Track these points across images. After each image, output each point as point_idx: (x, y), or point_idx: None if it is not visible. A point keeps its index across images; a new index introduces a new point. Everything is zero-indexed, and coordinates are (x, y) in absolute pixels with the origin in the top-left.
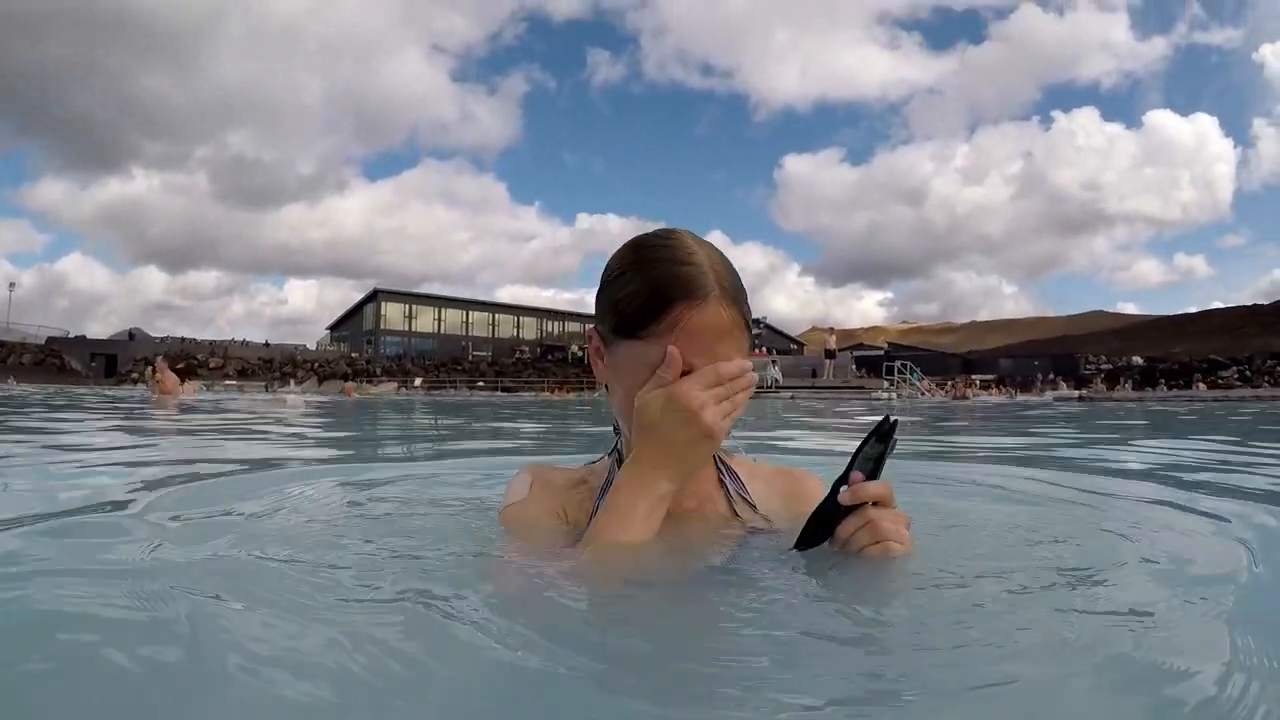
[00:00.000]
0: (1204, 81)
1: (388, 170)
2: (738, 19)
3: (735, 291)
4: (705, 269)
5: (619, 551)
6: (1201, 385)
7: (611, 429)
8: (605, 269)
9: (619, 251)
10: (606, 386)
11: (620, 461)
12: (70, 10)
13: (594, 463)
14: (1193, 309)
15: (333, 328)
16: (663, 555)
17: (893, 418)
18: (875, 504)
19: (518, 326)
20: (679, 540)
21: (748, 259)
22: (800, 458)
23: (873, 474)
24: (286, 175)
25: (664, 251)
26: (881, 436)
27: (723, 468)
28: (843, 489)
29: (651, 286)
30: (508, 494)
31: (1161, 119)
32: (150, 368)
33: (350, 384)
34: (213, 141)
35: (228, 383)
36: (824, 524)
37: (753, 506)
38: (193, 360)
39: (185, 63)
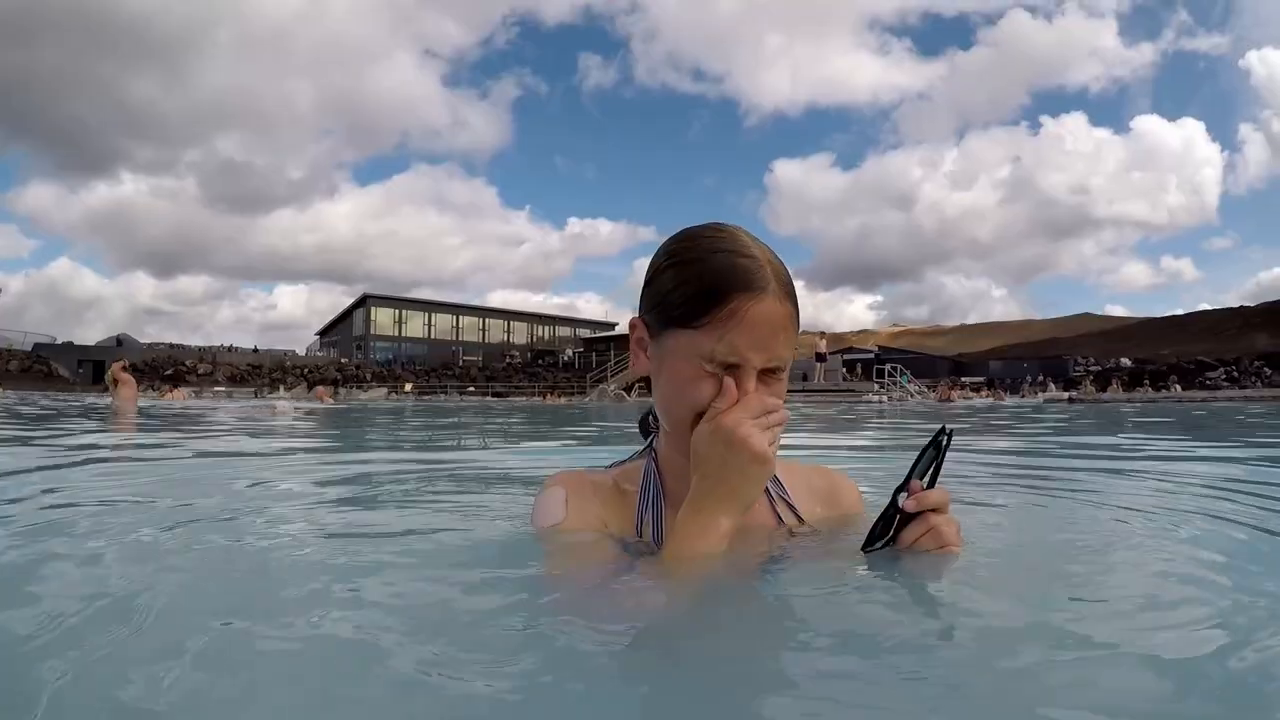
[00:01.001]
0: (1191, 87)
1: (378, 175)
2: (729, 24)
3: (790, 288)
4: (763, 262)
5: (686, 569)
6: (1177, 386)
7: (637, 427)
8: (654, 258)
9: (670, 242)
10: (646, 382)
11: (656, 459)
12: (61, 16)
13: (623, 463)
14: (1180, 311)
15: (322, 333)
16: (733, 575)
17: (948, 427)
18: (934, 510)
19: (508, 331)
20: (741, 557)
21: None
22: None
23: (931, 481)
24: (276, 180)
25: (721, 243)
26: (938, 446)
27: None
28: (903, 496)
29: (711, 275)
30: (539, 513)
31: (1149, 124)
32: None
33: (322, 387)
34: (202, 146)
35: (217, 389)
36: (888, 527)
37: (793, 509)
38: (181, 366)
39: (176, 67)
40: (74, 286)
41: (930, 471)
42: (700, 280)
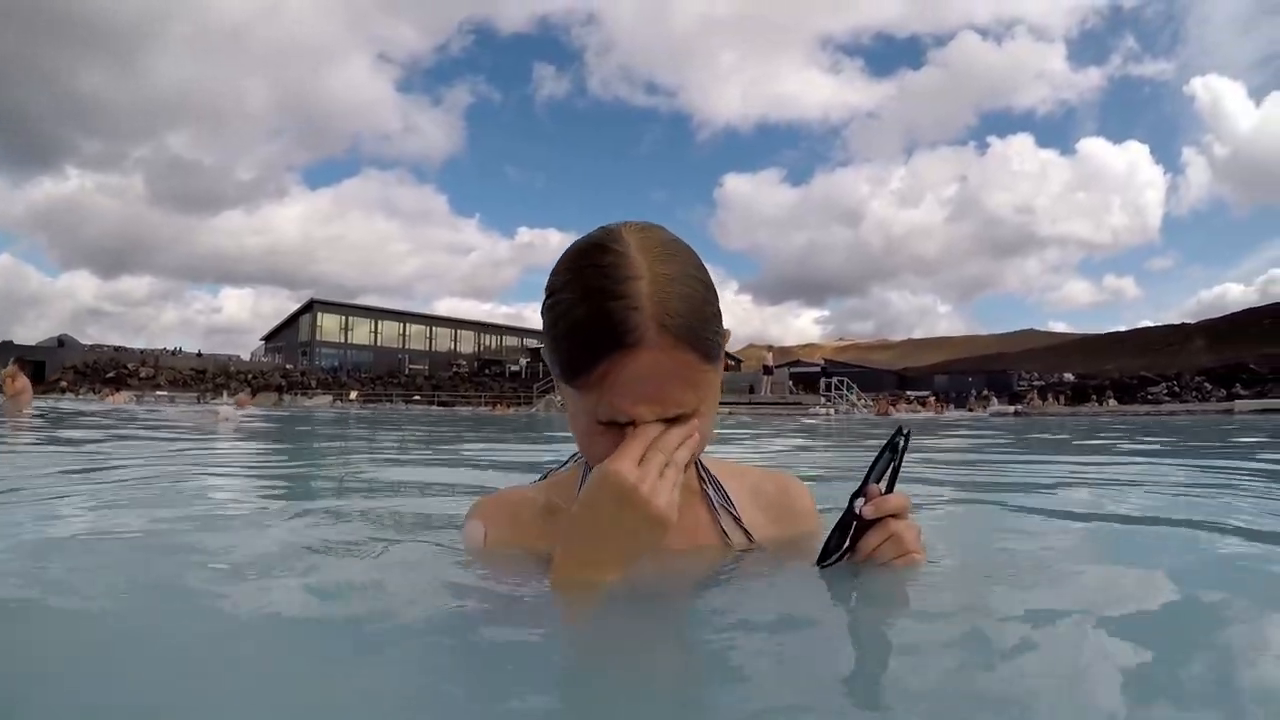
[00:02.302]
0: (1137, 111)
1: (328, 178)
2: (683, 39)
3: (681, 322)
4: (642, 300)
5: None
6: (1112, 400)
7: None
8: (547, 284)
9: (558, 265)
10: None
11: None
12: (10, 3)
13: (556, 471)
14: (1122, 328)
15: (267, 338)
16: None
17: (905, 429)
18: (894, 516)
19: (455, 340)
20: (670, 580)
21: None
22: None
23: (889, 486)
24: (225, 180)
25: (596, 277)
26: (895, 448)
27: (705, 475)
28: (859, 502)
29: (575, 333)
30: (464, 543)
31: (1094, 146)
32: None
33: (243, 395)
34: (151, 142)
35: (159, 394)
36: (844, 538)
37: (738, 522)
38: (123, 369)
39: (128, 61)
40: (15, 284)
41: (888, 475)
42: (568, 340)
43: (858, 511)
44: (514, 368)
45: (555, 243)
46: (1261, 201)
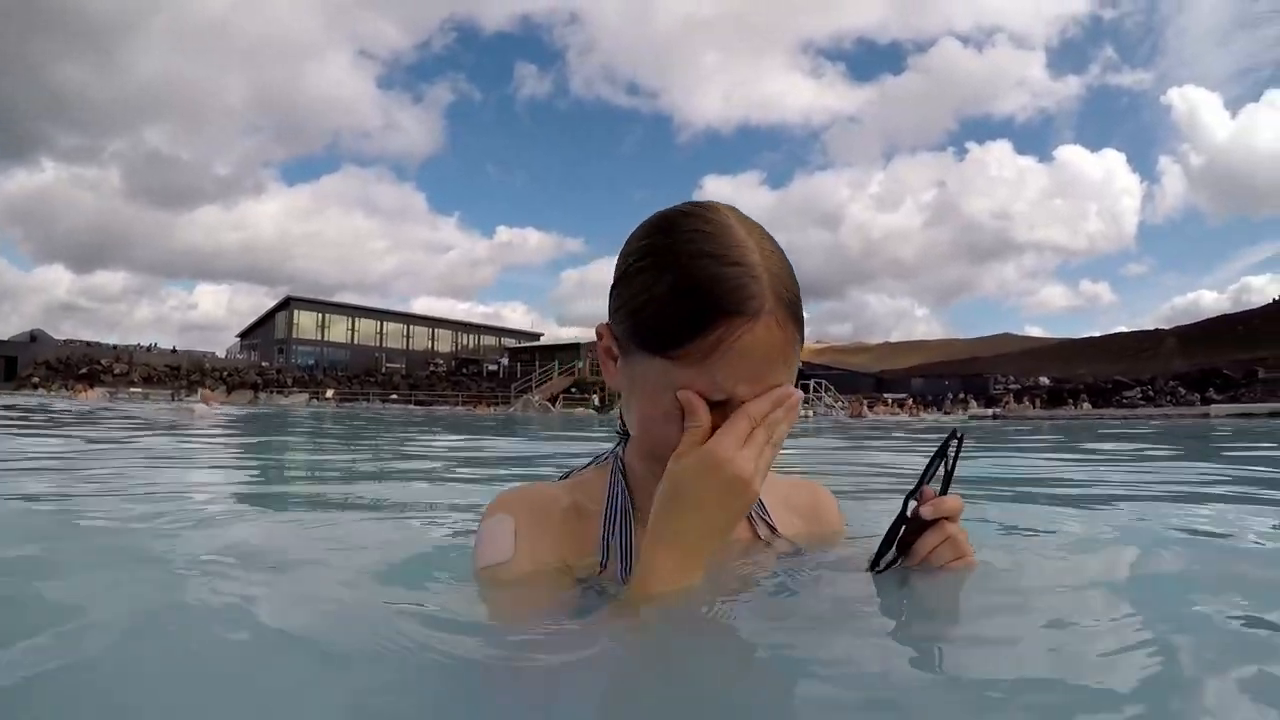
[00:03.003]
0: (1114, 120)
1: (307, 175)
2: (666, 40)
3: (793, 301)
4: (760, 272)
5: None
6: (1086, 404)
7: (618, 431)
8: (625, 250)
9: (644, 232)
10: (615, 394)
11: (624, 471)
12: None
13: (582, 471)
14: (1097, 333)
15: (243, 335)
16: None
17: (959, 432)
18: (948, 519)
19: (433, 339)
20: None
21: None
22: None
23: (943, 489)
24: (203, 175)
25: (706, 241)
26: (944, 453)
27: None
28: (912, 503)
29: (689, 293)
30: (482, 548)
31: (1072, 154)
32: None
33: (209, 390)
34: (129, 136)
35: (133, 390)
36: (899, 541)
37: (774, 530)
38: (96, 365)
39: (108, 54)
40: None
41: (944, 478)
42: (676, 298)
43: (910, 515)
44: (491, 367)
45: (534, 242)
46: (1235, 210)
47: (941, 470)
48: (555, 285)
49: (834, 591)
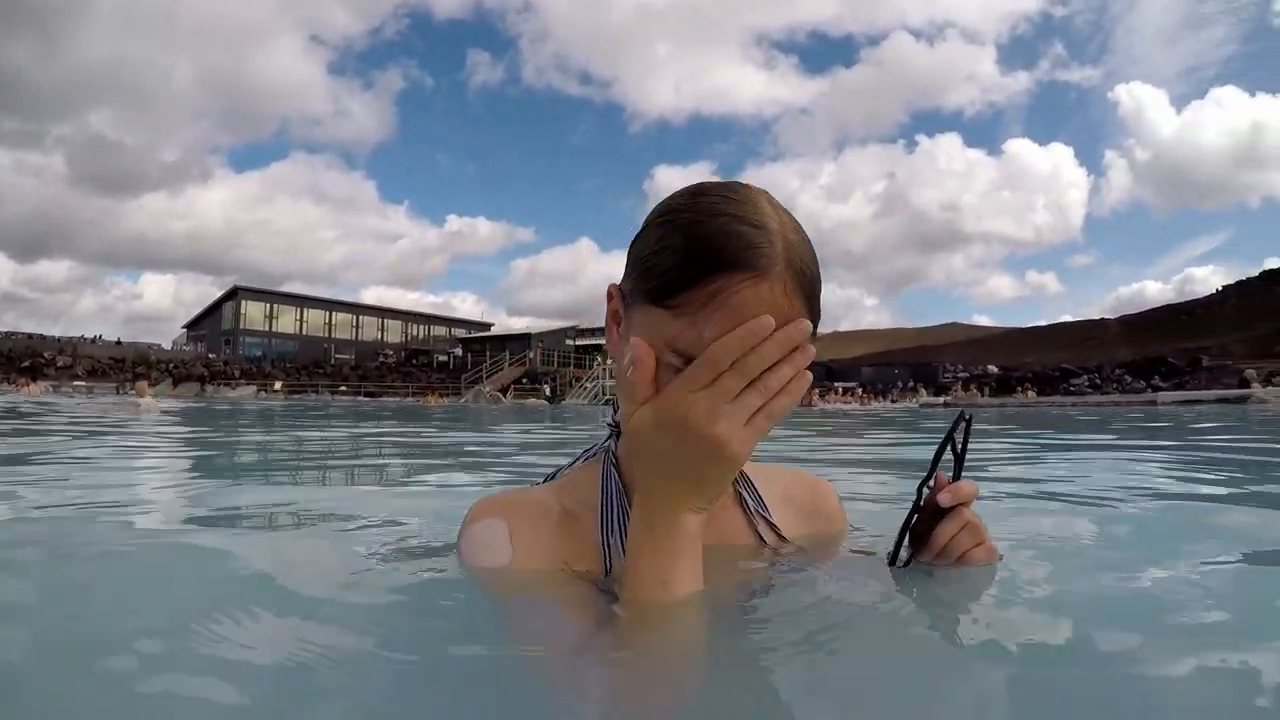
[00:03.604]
0: (1063, 115)
1: (255, 162)
2: (619, 30)
3: (807, 279)
4: (775, 236)
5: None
6: (1031, 392)
7: (609, 424)
8: (650, 213)
9: (672, 196)
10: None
11: (618, 465)
12: None
13: (565, 471)
14: (1044, 322)
15: (189, 326)
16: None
17: (968, 414)
18: (965, 505)
19: (382, 329)
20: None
21: (616, 267)
22: None
23: (955, 474)
24: (148, 161)
25: (728, 204)
26: (951, 439)
27: (738, 476)
28: (928, 490)
29: (698, 241)
30: (472, 554)
31: (1020, 147)
32: None
33: (144, 383)
34: (73, 120)
35: (76, 383)
36: (915, 531)
37: (773, 527)
38: (39, 358)
39: (52, 34)
40: None
41: (956, 464)
42: (684, 247)
43: (935, 499)
44: (442, 358)
45: (485, 231)
46: (1180, 204)
47: (952, 456)
48: (505, 275)
49: (851, 597)
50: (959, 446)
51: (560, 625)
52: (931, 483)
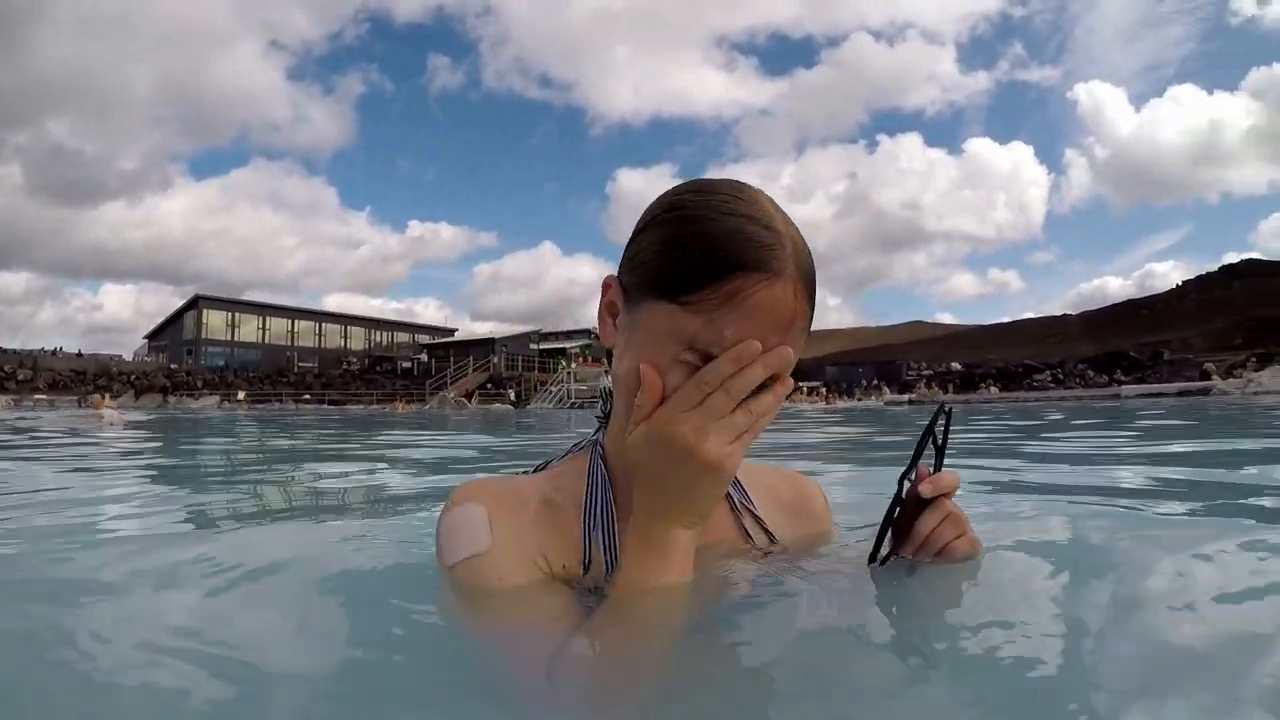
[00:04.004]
0: (1022, 114)
1: (215, 169)
2: (579, 33)
3: (812, 283)
4: (784, 238)
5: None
6: (995, 388)
7: (598, 415)
8: (648, 209)
9: (672, 191)
10: (609, 355)
11: (605, 458)
12: None
13: (554, 463)
14: (1006, 319)
15: (151, 336)
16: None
17: (948, 406)
18: (946, 496)
19: (345, 336)
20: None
21: (578, 270)
22: None
23: (936, 465)
24: (107, 170)
25: (738, 204)
26: (932, 430)
27: None
28: (906, 482)
29: (714, 239)
30: (450, 540)
31: (981, 146)
32: None
33: (97, 396)
34: (30, 129)
35: (37, 397)
36: (897, 525)
37: (761, 524)
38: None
39: (8, 41)
40: None
41: (936, 455)
42: (699, 243)
43: (905, 495)
44: (406, 364)
45: (447, 236)
46: (1139, 201)
47: (932, 448)
48: (468, 280)
49: (832, 596)
50: (939, 439)
51: (530, 634)
52: (912, 475)
